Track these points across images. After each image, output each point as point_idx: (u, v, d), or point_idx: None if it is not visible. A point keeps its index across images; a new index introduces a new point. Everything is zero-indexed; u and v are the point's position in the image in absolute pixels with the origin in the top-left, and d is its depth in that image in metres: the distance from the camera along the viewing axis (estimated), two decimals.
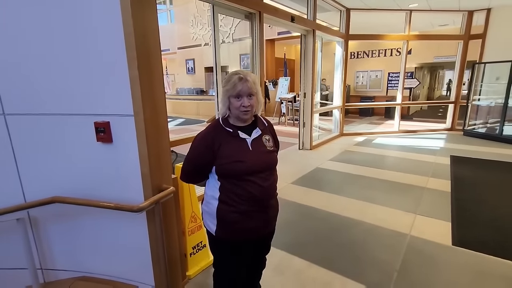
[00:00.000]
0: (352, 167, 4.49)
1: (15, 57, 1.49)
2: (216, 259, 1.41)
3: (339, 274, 2.01)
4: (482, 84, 6.64)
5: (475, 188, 3.55)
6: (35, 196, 1.61)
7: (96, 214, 1.64)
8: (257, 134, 1.30)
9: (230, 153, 1.23)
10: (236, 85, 1.20)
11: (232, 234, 1.29)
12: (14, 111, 1.56)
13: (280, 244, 2.34)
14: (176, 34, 12.72)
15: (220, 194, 1.27)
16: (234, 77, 1.21)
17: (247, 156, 1.24)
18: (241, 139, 1.26)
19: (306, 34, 5.19)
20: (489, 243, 2.36)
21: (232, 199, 1.24)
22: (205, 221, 1.36)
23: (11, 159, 1.62)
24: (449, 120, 7.23)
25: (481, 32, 6.43)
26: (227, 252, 1.35)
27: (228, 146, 1.24)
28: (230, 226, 1.27)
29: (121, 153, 1.53)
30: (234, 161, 1.22)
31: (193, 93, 11.88)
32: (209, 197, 1.32)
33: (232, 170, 1.22)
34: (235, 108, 1.23)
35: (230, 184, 1.24)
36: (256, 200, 1.25)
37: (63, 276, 1.81)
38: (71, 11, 1.40)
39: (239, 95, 1.21)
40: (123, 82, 1.42)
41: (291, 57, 12.02)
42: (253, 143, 1.27)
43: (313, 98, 5.53)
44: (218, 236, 1.30)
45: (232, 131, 1.26)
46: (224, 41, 10.60)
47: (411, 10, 6.34)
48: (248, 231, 1.29)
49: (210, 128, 1.31)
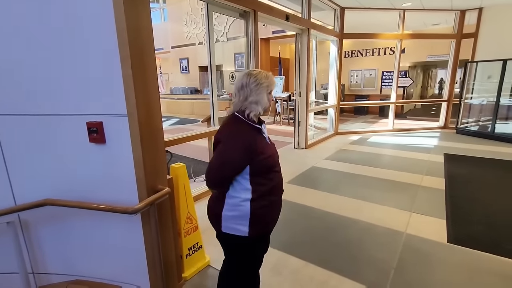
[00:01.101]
0: (347, 165, 4.51)
1: (3, 55, 1.45)
2: (244, 259, 1.40)
3: (336, 273, 2.01)
4: (474, 82, 6.72)
5: (469, 186, 3.59)
6: (26, 199, 1.57)
7: (90, 217, 1.60)
8: (265, 129, 1.37)
9: (264, 149, 1.27)
10: (273, 80, 1.30)
11: (264, 228, 1.35)
12: (2, 112, 1.52)
13: (277, 244, 2.33)
14: (170, 32, 12.60)
15: (253, 193, 1.27)
16: (269, 74, 1.30)
17: (271, 150, 1.33)
18: (263, 135, 1.33)
19: (300, 33, 5.19)
20: (483, 240, 2.39)
21: (263, 193, 1.28)
22: (229, 226, 1.30)
23: (0, 161, 1.57)
24: (442, 119, 7.31)
25: (473, 31, 6.51)
26: (256, 250, 1.40)
27: (260, 143, 1.28)
28: (262, 220, 1.32)
29: (114, 154, 1.50)
30: (268, 156, 1.28)
31: (187, 92, 11.80)
32: (239, 199, 1.27)
33: (268, 165, 1.29)
34: (268, 102, 1.30)
35: (261, 179, 1.28)
36: (279, 188, 1.36)
37: (56, 280, 1.77)
38: (62, 8, 1.37)
39: (272, 89, 1.32)
40: (116, 81, 1.39)
41: (285, 56, 12.02)
42: (267, 137, 1.37)
43: (308, 97, 5.53)
44: (252, 235, 1.29)
45: (261, 128, 1.30)
46: (218, 40, 10.54)
47: (405, 9, 6.39)
48: (274, 219, 1.39)
49: (240, 127, 1.27)
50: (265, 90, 1.26)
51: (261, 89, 1.25)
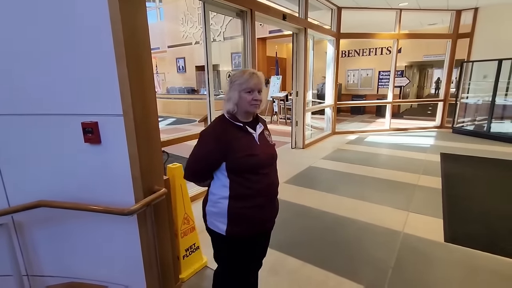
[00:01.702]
0: (344, 165, 4.51)
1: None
2: (225, 259, 1.39)
3: (333, 273, 2.01)
4: (470, 82, 6.76)
5: (465, 185, 3.61)
6: (20, 200, 1.54)
7: (85, 218, 1.57)
8: (260, 129, 1.34)
9: (243, 148, 1.24)
10: (249, 79, 1.24)
11: (247, 229, 1.30)
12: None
13: (274, 244, 2.31)
14: (166, 32, 12.53)
15: (230, 191, 1.26)
16: (247, 72, 1.26)
17: (257, 150, 1.28)
18: (249, 134, 1.29)
19: (297, 32, 5.18)
20: (480, 238, 2.40)
21: (243, 193, 1.26)
22: (212, 222, 1.33)
23: None
24: (439, 118, 7.36)
25: (469, 31, 6.55)
26: (238, 250, 1.34)
27: (239, 141, 1.25)
28: (242, 222, 1.28)
29: (110, 154, 1.48)
30: (248, 155, 1.24)
31: (184, 92, 11.76)
32: (218, 196, 1.29)
33: (245, 164, 1.24)
34: (246, 102, 1.25)
35: (241, 179, 1.25)
36: (266, 192, 1.31)
37: (51, 282, 1.74)
38: (57, 7, 1.34)
39: (252, 89, 1.25)
40: (111, 80, 1.36)
41: (282, 56, 12.01)
42: (259, 137, 1.32)
43: (305, 96, 5.53)
44: (229, 234, 1.28)
45: (242, 126, 1.28)
46: (215, 40, 10.50)
47: (401, 9, 6.41)
48: (261, 223, 1.34)
49: (218, 124, 1.29)
50: (237, 88, 1.25)
51: (233, 86, 1.26)
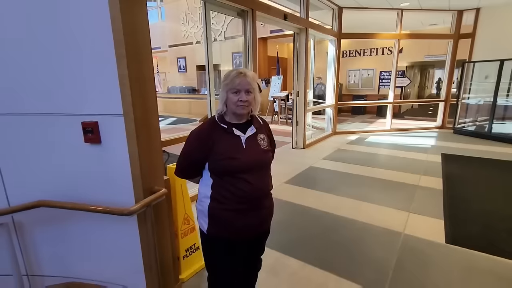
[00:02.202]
0: (345, 165, 4.50)
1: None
2: (209, 260, 1.38)
3: (334, 274, 2.00)
4: (472, 82, 6.74)
5: (466, 186, 3.60)
6: (20, 200, 1.53)
7: (85, 218, 1.57)
8: (251, 132, 1.29)
9: (224, 150, 1.22)
10: (234, 79, 1.21)
11: (224, 232, 1.28)
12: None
13: (274, 245, 2.32)
14: (167, 31, 12.53)
15: (212, 191, 1.26)
16: (233, 71, 1.23)
17: (240, 154, 1.23)
18: (235, 136, 1.26)
19: (299, 32, 5.17)
20: (480, 240, 2.39)
21: (224, 196, 1.24)
22: (199, 220, 1.35)
23: None
24: (440, 118, 7.34)
25: (470, 32, 6.53)
26: (220, 252, 1.32)
27: (222, 143, 1.23)
28: (222, 224, 1.27)
29: (110, 155, 1.47)
30: (227, 157, 1.21)
31: (185, 91, 11.75)
32: (202, 195, 1.31)
33: (225, 167, 1.22)
34: (232, 103, 1.22)
35: (222, 182, 1.24)
36: (248, 198, 1.25)
37: (51, 282, 1.74)
38: (57, 7, 1.34)
39: (237, 89, 1.21)
40: (111, 80, 1.36)
41: (283, 56, 12.00)
42: (247, 141, 1.27)
43: (306, 96, 5.52)
44: (210, 234, 1.29)
45: (226, 128, 1.25)
46: (216, 39, 10.49)
47: (403, 9, 6.40)
48: (240, 230, 1.28)
49: (205, 124, 1.31)
50: (225, 88, 1.24)
51: (222, 86, 1.26)
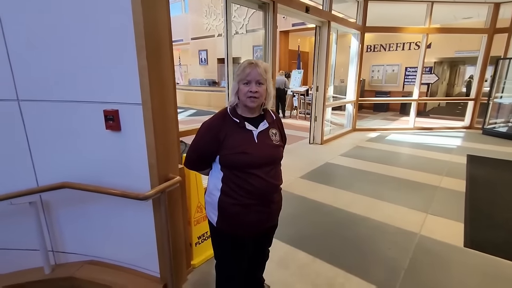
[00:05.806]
0: (363, 163, 4.41)
1: (29, 44, 1.51)
2: (217, 251, 1.39)
3: (343, 270, 1.99)
4: (506, 81, 6.32)
5: (491, 189, 3.42)
6: (47, 181, 1.65)
7: (104, 201, 1.67)
8: (264, 126, 1.28)
9: (235, 144, 1.21)
10: (245, 69, 1.20)
11: (233, 227, 1.27)
12: (28, 97, 1.59)
13: (285, 238, 2.33)
14: (190, 24, 12.69)
15: (222, 185, 1.25)
16: (245, 62, 1.22)
17: (252, 148, 1.22)
18: (247, 131, 1.25)
19: (321, 25, 5.07)
20: (503, 246, 2.28)
21: (234, 191, 1.23)
22: (208, 212, 1.35)
23: (25, 144, 1.66)
24: (468, 118, 6.96)
25: (507, 26, 6.09)
26: (227, 245, 1.33)
27: (233, 137, 1.22)
28: (231, 219, 1.26)
29: (129, 142, 1.55)
30: (238, 152, 1.20)
31: (205, 84, 11.90)
32: (212, 187, 1.30)
33: (236, 162, 1.21)
34: (243, 94, 1.21)
35: (233, 176, 1.22)
36: (258, 194, 1.24)
37: (73, 259, 1.87)
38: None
39: (248, 80, 1.20)
40: (131, 70, 1.42)
41: (305, 50, 11.81)
42: (259, 135, 1.26)
43: (326, 91, 5.42)
44: (219, 227, 1.29)
45: (239, 122, 1.24)
46: (238, 32, 10.50)
47: (433, 2, 6.06)
48: (249, 225, 1.27)
49: (217, 117, 1.28)
50: (236, 79, 1.23)
51: (235, 78, 1.25)
